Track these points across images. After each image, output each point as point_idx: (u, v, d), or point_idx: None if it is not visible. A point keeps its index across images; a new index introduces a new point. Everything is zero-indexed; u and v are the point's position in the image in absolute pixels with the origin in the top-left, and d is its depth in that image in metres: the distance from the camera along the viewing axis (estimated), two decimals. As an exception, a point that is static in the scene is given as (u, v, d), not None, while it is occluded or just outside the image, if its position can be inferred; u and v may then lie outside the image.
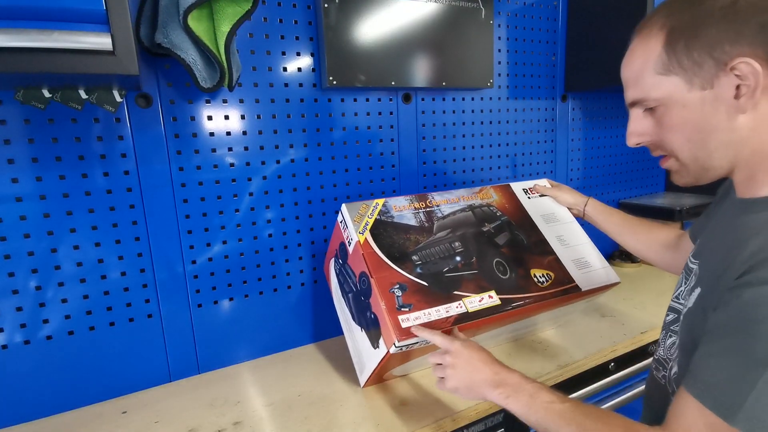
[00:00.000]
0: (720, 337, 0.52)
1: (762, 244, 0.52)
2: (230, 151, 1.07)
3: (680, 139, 0.61)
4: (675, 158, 0.63)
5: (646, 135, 0.64)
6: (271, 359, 1.16)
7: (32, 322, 0.92)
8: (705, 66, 0.55)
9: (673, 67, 0.58)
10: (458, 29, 1.25)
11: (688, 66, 0.57)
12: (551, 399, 0.67)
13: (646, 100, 0.61)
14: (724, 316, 0.53)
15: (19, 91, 0.82)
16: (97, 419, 0.94)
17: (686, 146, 0.61)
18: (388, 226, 0.94)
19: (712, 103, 0.57)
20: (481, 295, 0.90)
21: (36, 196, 0.90)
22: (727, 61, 0.54)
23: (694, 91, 0.57)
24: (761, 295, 0.49)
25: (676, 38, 0.57)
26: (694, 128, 0.59)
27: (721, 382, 0.50)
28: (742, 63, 0.53)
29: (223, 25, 0.89)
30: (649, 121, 0.63)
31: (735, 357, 0.49)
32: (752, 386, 0.47)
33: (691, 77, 0.57)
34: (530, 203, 1.12)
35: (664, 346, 0.72)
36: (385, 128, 1.26)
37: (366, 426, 0.87)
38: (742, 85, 0.54)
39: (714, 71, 0.55)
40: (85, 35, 0.63)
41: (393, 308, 0.83)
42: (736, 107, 0.55)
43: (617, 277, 1.05)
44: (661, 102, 0.60)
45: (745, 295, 0.50)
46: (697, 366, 0.53)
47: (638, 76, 0.61)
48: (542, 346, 1.13)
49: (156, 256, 1.02)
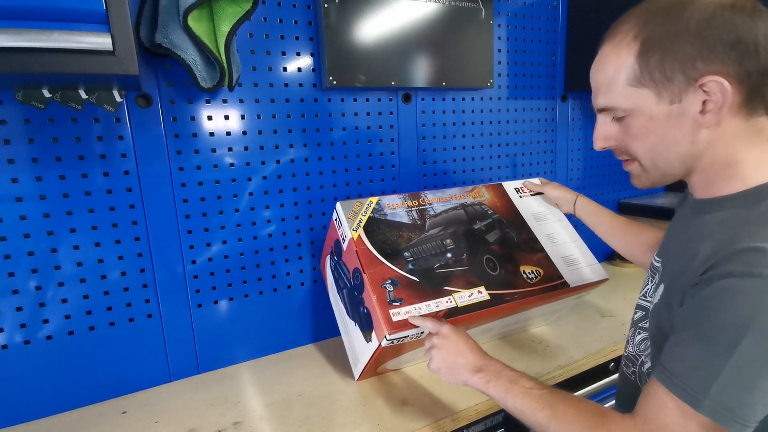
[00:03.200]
0: (686, 328, 0.54)
1: (721, 242, 0.54)
2: (230, 151, 1.07)
3: (644, 147, 0.63)
4: (638, 163, 0.65)
5: (612, 140, 0.66)
6: (271, 359, 1.16)
7: (32, 322, 0.92)
8: (675, 81, 0.57)
9: (645, 80, 0.59)
10: (458, 29, 1.25)
11: (659, 80, 0.58)
12: (530, 385, 0.69)
13: (615, 109, 0.63)
14: (690, 309, 0.55)
15: (19, 91, 0.82)
16: (97, 419, 0.94)
17: (649, 154, 0.63)
18: (381, 223, 0.96)
19: (677, 116, 0.58)
20: (471, 290, 0.92)
21: (36, 196, 0.90)
22: (698, 78, 0.55)
23: (662, 105, 0.59)
24: (724, 288, 0.51)
25: (650, 51, 0.57)
26: (658, 139, 0.61)
27: (688, 370, 0.52)
28: (712, 81, 0.54)
29: (223, 25, 0.89)
30: (616, 127, 0.65)
31: (700, 346, 0.51)
32: (716, 375, 0.49)
33: (661, 91, 0.58)
34: (521, 202, 1.14)
35: (633, 343, 0.74)
36: (385, 128, 1.26)
37: (366, 426, 0.87)
38: (708, 101, 0.55)
39: (683, 86, 0.56)
40: (85, 35, 0.63)
41: (384, 302, 0.86)
42: (700, 122, 0.57)
43: (605, 273, 1.07)
44: (629, 112, 0.61)
45: (709, 288, 0.52)
46: (665, 356, 0.55)
47: (609, 84, 0.62)
48: (542, 346, 1.13)
49: (156, 256, 1.02)
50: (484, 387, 0.73)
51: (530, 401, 0.67)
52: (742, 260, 0.50)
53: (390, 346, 0.86)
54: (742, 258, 0.50)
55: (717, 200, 0.60)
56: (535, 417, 0.65)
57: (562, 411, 0.63)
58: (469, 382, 0.76)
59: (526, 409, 0.67)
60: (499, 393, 0.71)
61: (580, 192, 1.13)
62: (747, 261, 0.50)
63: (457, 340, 0.79)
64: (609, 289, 1.45)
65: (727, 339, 0.49)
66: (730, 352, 0.49)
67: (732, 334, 0.49)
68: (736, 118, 0.57)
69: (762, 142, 0.58)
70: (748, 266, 0.49)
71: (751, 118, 0.57)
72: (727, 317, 0.50)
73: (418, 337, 0.87)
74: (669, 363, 0.54)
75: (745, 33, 0.53)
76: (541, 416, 0.64)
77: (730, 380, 0.49)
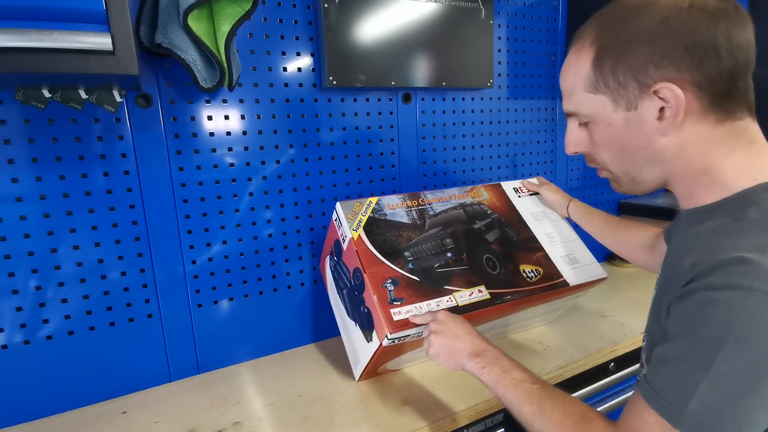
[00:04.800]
0: (668, 341, 0.53)
1: (704, 253, 0.52)
2: (230, 151, 1.07)
3: (608, 154, 0.63)
4: (607, 170, 0.65)
5: (581, 146, 0.66)
6: (271, 359, 1.16)
7: (32, 322, 0.92)
8: (629, 87, 0.56)
9: (600, 87, 0.59)
10: (458, 29, 1.25)
11: (613, 87, 0.57)
12: (523, 378, 0.69)
13: (578, 114, 0.63)
14: (672, 322, 0.53)
15: (19, 91, 0.82)
16: (97, 419, 0.94)
17: (615, 161, 0.63)
18: (381, 223, 0.97)
19: (636, 124, 0.57)
20: (471, 289, 0.92)
21: (36, 196, 0.90)
22: (651, 85, 0.54)
23: (619, 111, 0.58)
24: (702, 301, 0.49)
25: (604, 58, 0.57)
26: (619, 146, 0.61)
27: (667, 385, 0.50)
28: (665, 88, 0.53)
29: (223, 25, 0.89)
30: (584, 134, 0.65)
31: (679, 361, 0.50)
32: (693, 391, 0.48)
33: (617, 97, 0.58)
34: (520, 201, 1.15)
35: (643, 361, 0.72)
36: (385, 128, 1.26)
37: (366, 426, 0.87)
38: (666, 107, 0.54)
39: (638, 93, 0.56)
40: (85, 35, 0.63)
41: (385, 302, 0.86)
42: (658, 129, 0.56)
43: (604, 272, 1.07)
44: (590, 118, 0.62)
45: (689, 300, 0.51)
46: (648, 369, 0.54)
47: (570, 90, 0.63)
48: (542, 346, 1.13)
49: (156, 256, 1.02)
50: (478, 372, 0.73)
51: (519, 394, 0.66)
52: (722, 272, 0.48)
53: (391, 346, 0.86)
54: (722, 269, 0.48)
55: (703, 210, 0.58)
56: (521, 411, 0.65)
57: (549, 410, 0.63)
58: (466, 367, 0.76)
59: (514, 402, 0.67)
60: (492, 381, 0.71)
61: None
62: (726, 272, 0.48)
63: (454, 325, 0.79)
64: (609, 289, 1.45)
65: (704, 353, 0.48)
66: (707, 366, 0.47)
67: (709, 348, 0.47)
68: (702, 125, 0.55)
69: (743, 146, 0.55)
70: (726, 277, 0.48)
71: (725, 123, 0.55)
72: (705, 330, 0.48)
73: (419, 337, 0.88)
74: (651, 376, 0.53)
75: (702, 36, 0.51)
76: (527, 411, 0.64)
77: (707, 396, 0.47)
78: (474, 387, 0.95)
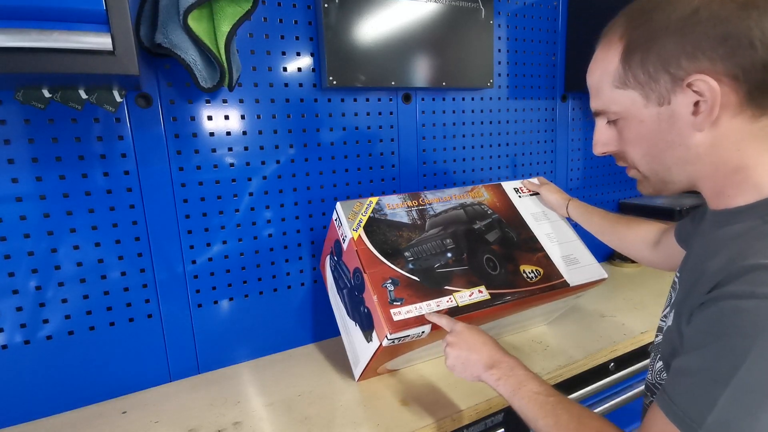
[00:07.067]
0: (688, 351, 0.51)
1: (729, 258, 0.50)
2: (230, 151, 1.07)
3: (638, 152, 0.61)
4: (636, 170, 0.63)
5: (610, 145, 0.64)
6: (271, 359, 1.16)
7: (32, 322, 0.92)
8: (661, 81, 0.54)
9: (630, 82, 0.57)
10: (458, 29, 1.25)
11: (644, 81, 0.55)
12: (538, 390, 0.68)
13: (607, 112, 0.61)
14: (693, 331, 0.52)
15: (19, 91, 0.82)
16: (97, 419, 0.94)
17: (644, 160, 0.60)
18: (381, 223, 0.97)
19: (668, 119, 0.55)
20: (471, 290, 0.93)
21: (36, 196, 0.90)
22: (684, 77, 0.52)
23: (651, 107, 0.56)
24: (726, 309, 0.47)
25: (633, 52, 0.55)
26: (651, 143, 0.58)
27: (686, 397, 0.49)
28: (700, 80, 0.51)
29: (223, 25, 0.89)
30: (613, 132, 0.63)
31: (700, 372, 0.48)
32: (713, 404, 0.46)
33: (648, 92, 0.55)
34: (521, 202, 1.15)
35: (653, 371, 0.68)
36: (385, 128, 1.26)
37: (366, 426, 0.87)
38: (701, 102, 0.52)
39: (670, 87, 0.53)
40: (85, 35, 0.63)
41: (385, 302, 0.86)
42: (693, 124, 0.53)
43: (605, 273, 1.07)
44: (620, 115, 0.60)
45: (712, 309, 0.49)
46: (668, 380, 0.53)
47: (598, 87, 0.61)
48: (542, 346, 1.13)
49: (156, 256, 1.02)
50: (494, 384, 0.73)
51: (535, 407, 0.66)
52: (748, 279, 0.46)
53: (390, 346, 0.86)
54: (748, 276, 0.46)
55: (732, 211, 0.56)
56: (537, 424, 0.65)
57: (565, 423, 0.62)
58: (482, 378, 0.76)
59: (530, 414, 0.67)
60: (507, 392, 0.71)
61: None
62: (752, 280, 0.45)
63: (470, 336, 0.79)
64: (609, 289, 1.45)
65: (725, 365, 0.45)
66: (728, 379, 0.45)
67: (730, 359, 0.45)
68: (738, 119, 0.52)
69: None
70: (752, 285, 0.45)
71: (761, 119, 0.52)
72: (727, 341, 0.46)
73: (419, 337, 0.88)
74: (670, 388, 0.51)
75: (734, 26, 0.49)
76: (542, 424, 0.64)
77: (727, 409, 0.45)
78: (474, 387, 0.95)
